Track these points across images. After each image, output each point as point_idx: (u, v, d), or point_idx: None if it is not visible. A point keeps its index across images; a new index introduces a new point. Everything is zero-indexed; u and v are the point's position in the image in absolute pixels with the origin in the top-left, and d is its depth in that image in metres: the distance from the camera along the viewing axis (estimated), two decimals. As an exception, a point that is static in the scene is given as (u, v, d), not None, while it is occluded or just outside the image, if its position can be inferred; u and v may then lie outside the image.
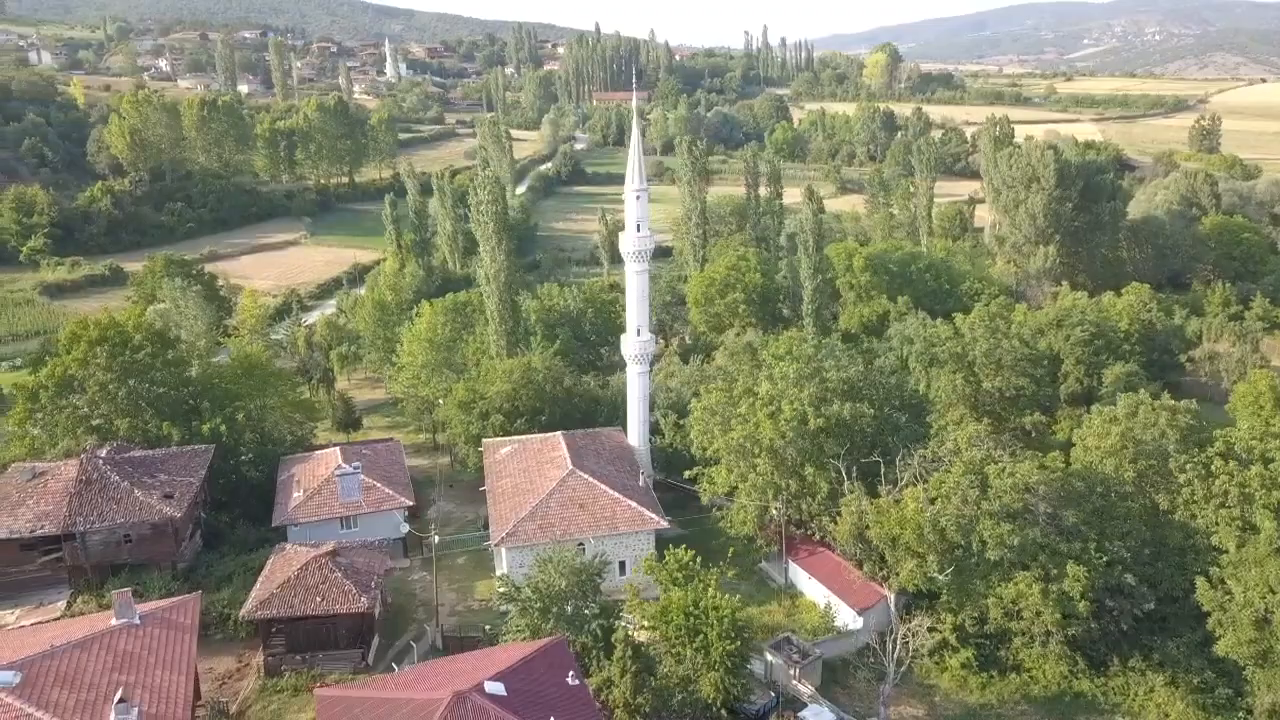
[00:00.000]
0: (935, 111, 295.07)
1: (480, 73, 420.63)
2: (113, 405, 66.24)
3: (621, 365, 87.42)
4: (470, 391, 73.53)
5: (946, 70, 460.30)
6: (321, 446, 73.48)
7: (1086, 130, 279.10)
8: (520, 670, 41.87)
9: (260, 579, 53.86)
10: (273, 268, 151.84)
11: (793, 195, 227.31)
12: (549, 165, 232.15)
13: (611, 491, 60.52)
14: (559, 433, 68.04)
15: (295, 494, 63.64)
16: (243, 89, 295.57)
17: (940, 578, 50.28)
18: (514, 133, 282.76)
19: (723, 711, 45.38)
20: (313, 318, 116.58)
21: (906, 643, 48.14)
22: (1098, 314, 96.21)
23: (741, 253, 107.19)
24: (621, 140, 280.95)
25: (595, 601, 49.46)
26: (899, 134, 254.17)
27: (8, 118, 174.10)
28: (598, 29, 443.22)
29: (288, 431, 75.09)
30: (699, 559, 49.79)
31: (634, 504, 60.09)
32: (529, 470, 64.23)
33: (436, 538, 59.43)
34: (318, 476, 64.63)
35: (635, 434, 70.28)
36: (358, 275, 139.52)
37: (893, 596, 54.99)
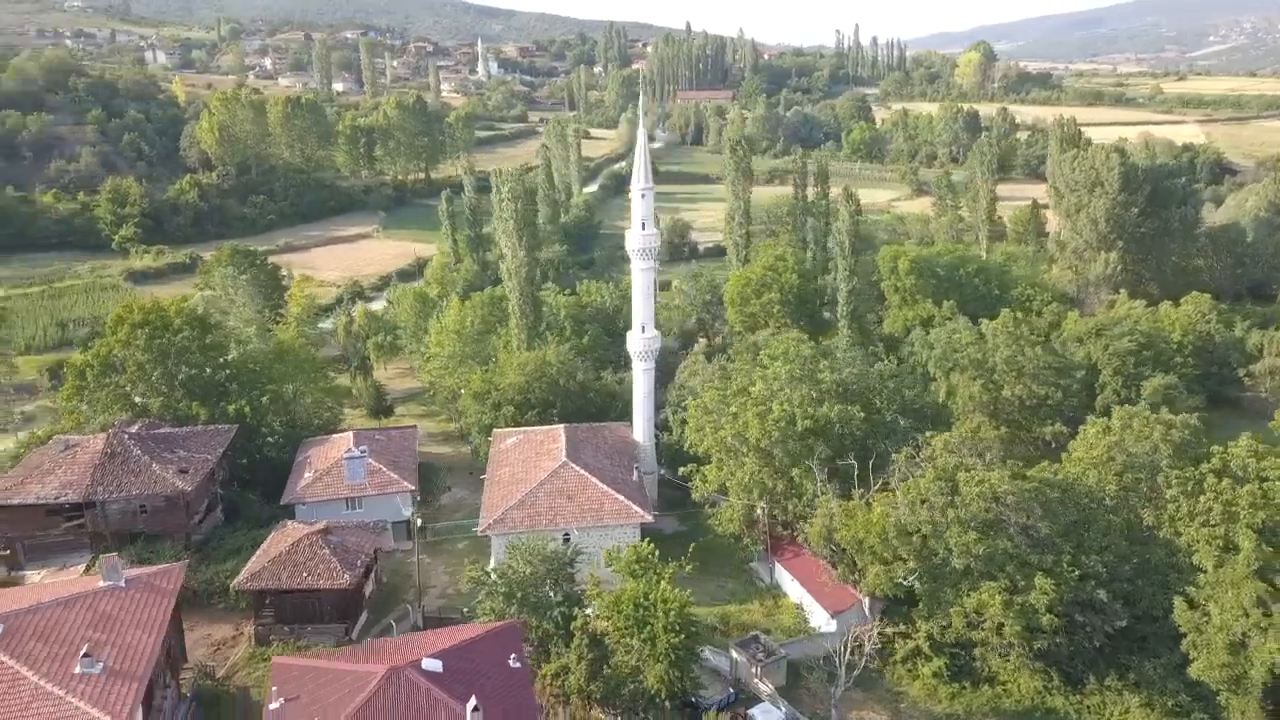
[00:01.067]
0: (1027, 112, 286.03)
1: (569, 72, 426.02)
2: (148, 384, 70.70)
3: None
4: (485, 382, 75.73)
5: (1048, 69, 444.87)
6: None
7: (1189, 132, 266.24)
8: (464, 650, 43.51)
9: (258, 553, 56.95)
10: (342, 260, 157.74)
11: (868, 196, 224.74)
12: (623, 164, 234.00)
13: (600, 484, 61.66)
14: (561, 425, 69.54)
15: (306, 474, 66.83)
16: (337, 87, 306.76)
17: (905, 583, 49.78)
18: (593, 131, 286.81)
19: (666, 703, 46.06)
20: (373, 307, 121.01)
21: (860, 646, 47.89)
22: (1152, 324, 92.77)
23: (779, 253, 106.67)
24: (700, 139, 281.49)
25: (562, 590, 50.73)
26: (982, 134, 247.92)
27: (111, 114, 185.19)
28: (688, 28, 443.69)
29: (315, 415, 78.58)
30: (657, 552, 50.49)
31: (621, 497, 61.11)
32: (527, 460, 65.91)
33: (419, 521, 61.59)
34: (329, 459, 67.68)
35: (640, 430, 71.24)
36: (418, 269, 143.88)
37: (867, 601, 54.66)
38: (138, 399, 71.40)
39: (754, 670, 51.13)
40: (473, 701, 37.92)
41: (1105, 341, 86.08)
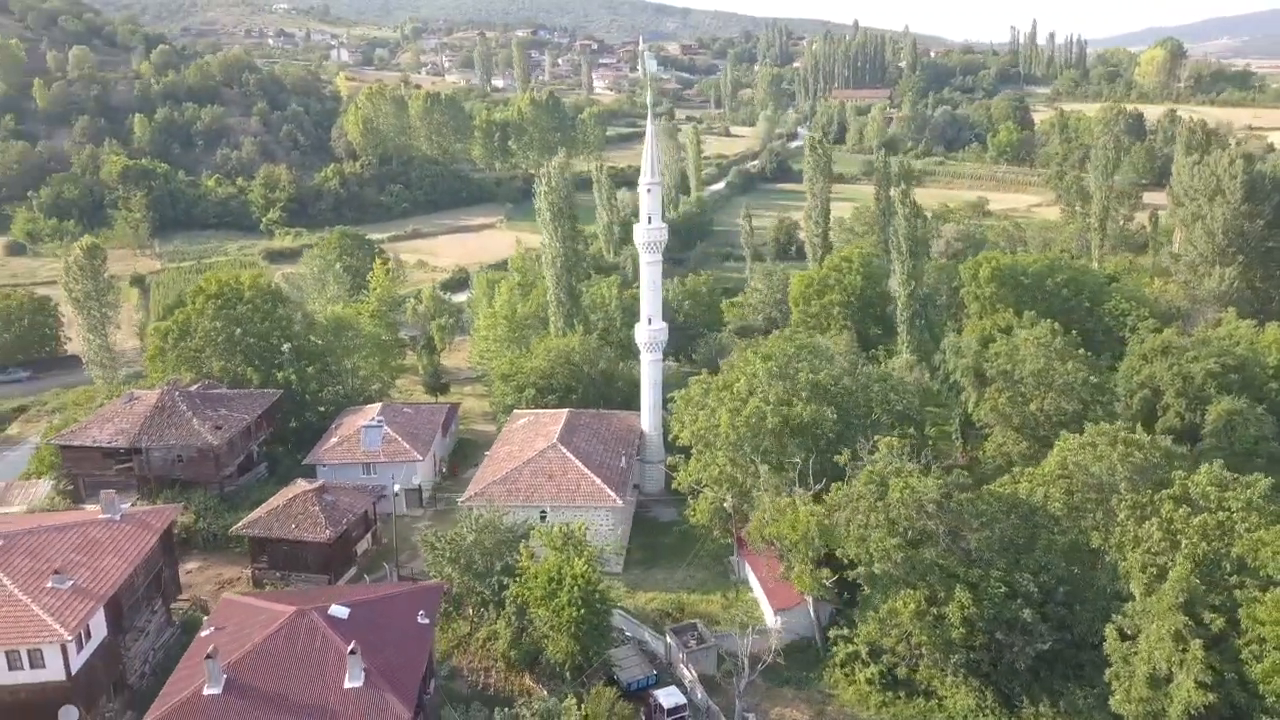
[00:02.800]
0: (1215, 114, 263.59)
1: (731, 69, 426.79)
2: (213, 348, 78.80)
3: (711, 356, 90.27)
4: (512, 365, 79.62)
5: (1268, 69, 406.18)
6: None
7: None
8: (380, 603, 47.34)
9: (264, 505, 63.03)
10: (462, 248, 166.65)
11: (1008, 201, 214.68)
12: (755, 162, 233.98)
13: (581, 466, 64.11)
14: (567, 410, 72.41)
15: (332, 439, 72.82)
16: (498, 83, 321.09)
17: (829, 585, 49.68)
18: (734, 129, 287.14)
19: (568, 674, 48.17)
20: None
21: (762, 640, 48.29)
22: (1250, 347, 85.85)
23: (845, 253, 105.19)
24: (843, 138, 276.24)
25: (503, 560, 53.71)
26: (1149, 138, 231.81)
27: (275, 107, 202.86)
28: (856, 25, 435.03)
29: (368, 386, 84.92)
30: (587, 531, 52.55)
31: (598, 480, 63.33)
32: (526, 440, 69.21)
33: (398, 487, 66.02)
34: (355, 426, 73.39)
35: (647, 419, 73.11)
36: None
37: (810, 600, 54.59)
38: (208, 361, 79.68)
39: (680, 656, 52.33)
40: (352, 645, 41.54)
41: (1172, 361, 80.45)
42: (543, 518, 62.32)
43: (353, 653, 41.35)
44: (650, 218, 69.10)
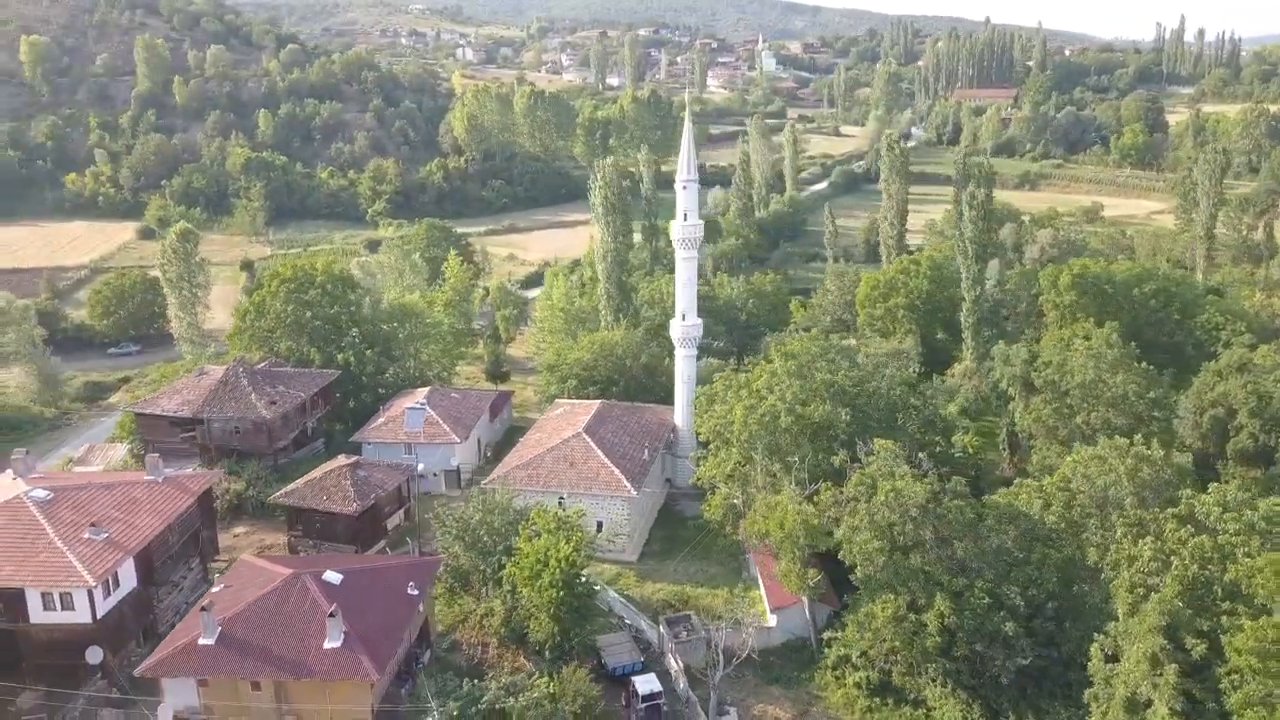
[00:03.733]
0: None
1: (850, 68, 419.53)
2: (283, 329, 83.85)
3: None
4: (557, 355, 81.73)
5: None
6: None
7: None
8: (374, 573, 50.10)
9: (305, 477, 66.95)
10: (553, 243, 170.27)
11: (1126, 207, 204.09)
12: (861, 162, 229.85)
13: (602, 456, 65.45)
14: (600, 401, 73.88)
15: (380, 419, 76.52)
16: (612, 81, 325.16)
17: (811, 585, 49.51)
18: (843, 129, 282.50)
19: (546, 653, 49.65)
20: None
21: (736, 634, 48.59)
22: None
23: (914, 255, 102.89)
24: (957, 139, 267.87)
25: (506, 541, 55.60)
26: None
27: (389, 104, 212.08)
28: (987, 22, 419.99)
29: (426, 371, 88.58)
30: (584, 515, 53.93)
31: (616, 471, 64.51)
32: (557, 428, 71.06)
33: (422, 466, 68.80)
34: (402, 408, 76.87)
35: (680, 414, 73.83)
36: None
37: (806, 600, 54.35)
38: (277, 340, 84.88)
39: (670, 645, 53.08)
40: (333, 608, 44.20)
41: (1248, 379, 75.79)
42: (561, 504, 64.10)
43: (332, 615, 44.01)
44: (686, 214, 69.81)
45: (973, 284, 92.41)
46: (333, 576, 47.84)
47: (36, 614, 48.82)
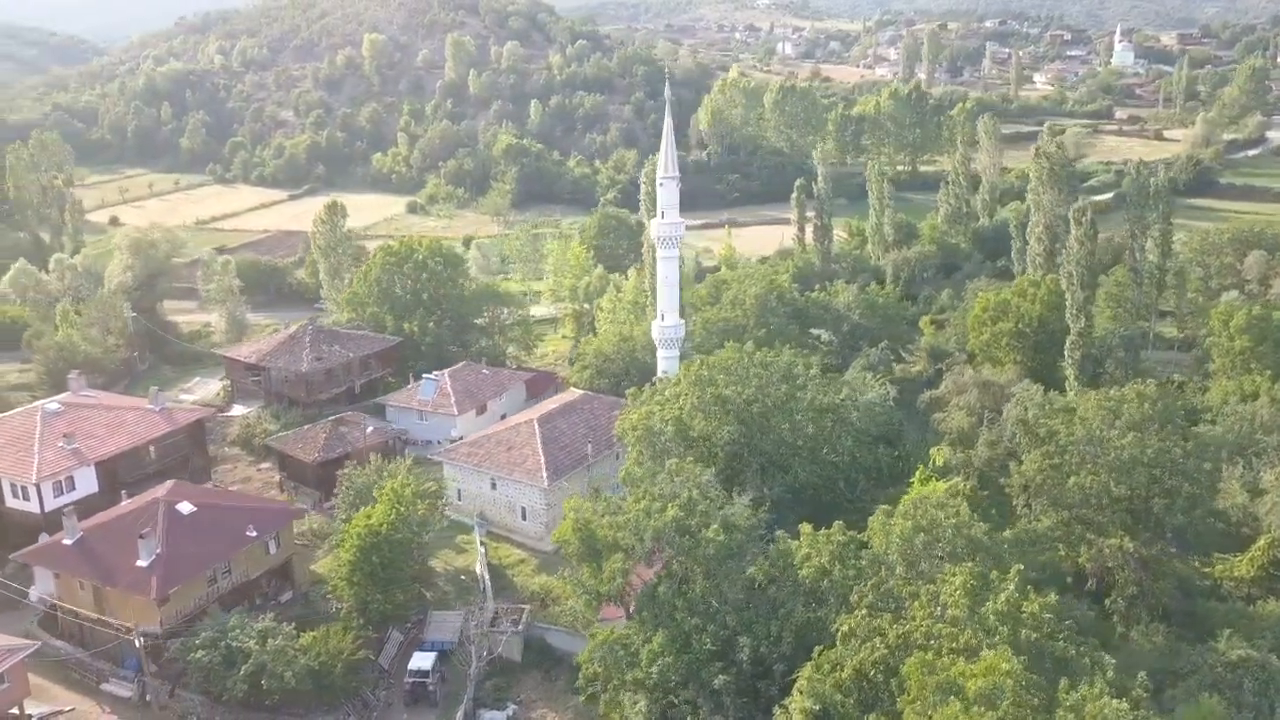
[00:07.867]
0: None
1: (1237, 62, 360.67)
2: (372, 297, 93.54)
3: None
4: (583, 345, 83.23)
5: None
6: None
7: None
8: (225, 510, 56.63)
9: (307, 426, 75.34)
10: (755, 240, 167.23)
11: None
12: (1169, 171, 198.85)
13: (538, 444, 66.41)
14: (582, 392, 74.49)
15: (410, 387, 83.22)
16: (920, 75, 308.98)
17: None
18: (1168, 133, 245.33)
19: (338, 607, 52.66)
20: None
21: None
22: None
23: (1033, 277, 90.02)
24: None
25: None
26: None
27: (650, 96, 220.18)
28: None
29: (496, 349, 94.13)
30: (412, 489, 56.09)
31: (541, 459, 65.27)
32: (532, 413, 72.92)
33: (409, 432, 73.87)
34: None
35: (659, 415, 72.34)
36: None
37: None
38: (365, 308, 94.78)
39: (471, 634, 53.54)
40: (144, 530, 50.90)
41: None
42: (494, 485, 66.51)
43: (142, 537, 50.71)
44: (664, 212, 68.22)
45: (1077, 314, 79.20)
46: (185, 507, 54.65)
47: (9, 500, 61.15)
